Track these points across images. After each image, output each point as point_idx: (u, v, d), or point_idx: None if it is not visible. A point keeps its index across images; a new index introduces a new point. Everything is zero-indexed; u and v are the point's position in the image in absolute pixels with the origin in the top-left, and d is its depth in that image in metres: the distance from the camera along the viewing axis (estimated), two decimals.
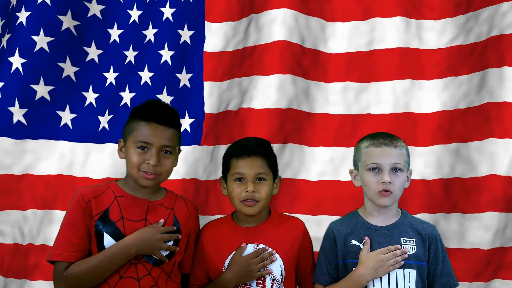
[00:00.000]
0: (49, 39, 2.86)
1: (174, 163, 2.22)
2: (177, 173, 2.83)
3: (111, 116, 2.94)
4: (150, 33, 3.01)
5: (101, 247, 2.10)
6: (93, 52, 3.00)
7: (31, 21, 2.85)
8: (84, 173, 2.87)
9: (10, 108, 2.79)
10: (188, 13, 3.06)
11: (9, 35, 2.86)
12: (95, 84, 2.95)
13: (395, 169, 2.19)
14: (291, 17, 2.98)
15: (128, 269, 2.10)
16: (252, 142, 2.28)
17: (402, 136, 2.36)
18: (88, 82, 2.95)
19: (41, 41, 2.84)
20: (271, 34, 2.98)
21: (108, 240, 2.10)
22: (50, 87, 2.86)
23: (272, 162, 2.28)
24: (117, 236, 2.11)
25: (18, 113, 2.79)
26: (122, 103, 2.93)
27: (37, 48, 2.84)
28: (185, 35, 3.01)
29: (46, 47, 2.85)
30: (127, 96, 2.95)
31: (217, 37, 3.04)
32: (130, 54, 3.01)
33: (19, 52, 2.81)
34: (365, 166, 2.22)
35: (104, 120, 2.95)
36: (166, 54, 2.97)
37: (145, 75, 2.97)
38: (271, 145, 2.36)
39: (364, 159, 2.24)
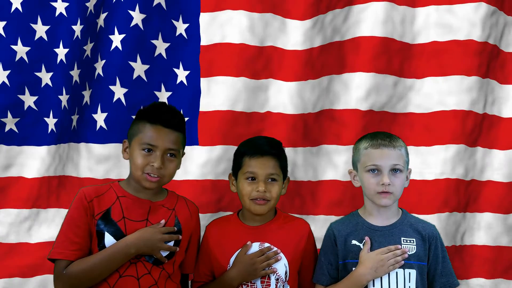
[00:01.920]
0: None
1: (178, 166, 2.23)
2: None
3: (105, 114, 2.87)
4: (138, 18, 2.81)
5: (102, 246, 2.10)
6: (88, 48, 2.88)
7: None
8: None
9: (46, 119, 2.77)
10: (182, 3, 2.91)
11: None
12: (89, 80, 2.86)
13: (394, 170, 2.20)
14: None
15: (128, 268, 2.11)
16: (265, 142, 2.29)
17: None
18: (85, 79, 2.85)
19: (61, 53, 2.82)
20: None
21: (109, 240, 2.11)
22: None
23: (283, 163, 2.30)
24: (118, 235, 2.11)
25: (51, 123, 2.78)
26: (115, 99, 2.84)
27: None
28: (181, 27, 2.90)
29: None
30: (119, 91, 2.84)
31: (213, 29, 2.91)
32: (116, 39, 2.81)
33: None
34: (364, 167, 2.22)
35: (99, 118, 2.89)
36: (160, 46, 2.86)
37: (139, 68, 2.83)
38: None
39: (363, 160, 2.24)
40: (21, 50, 2.69)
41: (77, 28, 2.73)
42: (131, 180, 2.20)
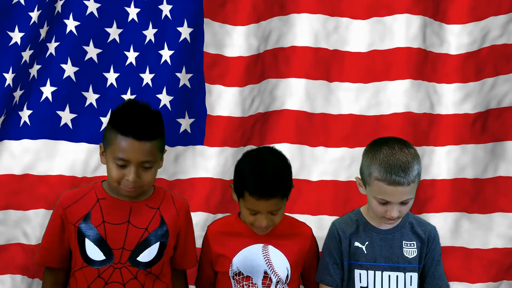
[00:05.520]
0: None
1: (159, 165, 2.08)
2: (179, 173, 2.84)
3: None
4: (150, 33, 2.83)
5: (83, 253, 2.04)
6: (92, 51, 2.79)
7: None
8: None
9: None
10: (187, 9, 2.85)
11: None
12: (95, 84, 2.79)
13: (404, 202, 2.06)
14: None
15: (113, 274, 2.03)
16: (273, 179, 2.06)
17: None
18: (88, 82, 2.78)
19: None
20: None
21: (90, 246, 2.03)
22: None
23: (288, 197, 2.14)
24: (98, 241, 2.02)
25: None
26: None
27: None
28: (185, 32, 2.83)
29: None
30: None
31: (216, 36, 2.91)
32: (131, 55, 2.83)
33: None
34: (373, 196, 2.06)
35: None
36: (166, 54, 2.81)
37: (147, 77, 2.82)
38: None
39: (374, 189, 2.05)
40: None
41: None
42: None
